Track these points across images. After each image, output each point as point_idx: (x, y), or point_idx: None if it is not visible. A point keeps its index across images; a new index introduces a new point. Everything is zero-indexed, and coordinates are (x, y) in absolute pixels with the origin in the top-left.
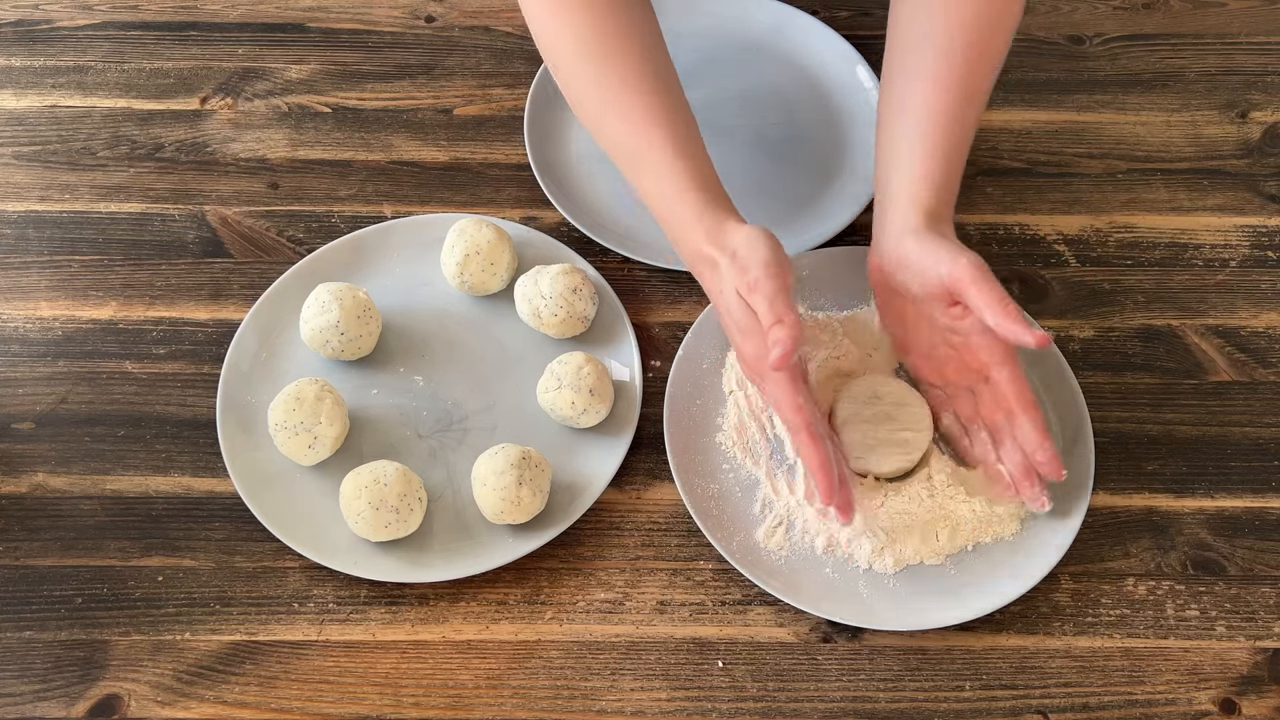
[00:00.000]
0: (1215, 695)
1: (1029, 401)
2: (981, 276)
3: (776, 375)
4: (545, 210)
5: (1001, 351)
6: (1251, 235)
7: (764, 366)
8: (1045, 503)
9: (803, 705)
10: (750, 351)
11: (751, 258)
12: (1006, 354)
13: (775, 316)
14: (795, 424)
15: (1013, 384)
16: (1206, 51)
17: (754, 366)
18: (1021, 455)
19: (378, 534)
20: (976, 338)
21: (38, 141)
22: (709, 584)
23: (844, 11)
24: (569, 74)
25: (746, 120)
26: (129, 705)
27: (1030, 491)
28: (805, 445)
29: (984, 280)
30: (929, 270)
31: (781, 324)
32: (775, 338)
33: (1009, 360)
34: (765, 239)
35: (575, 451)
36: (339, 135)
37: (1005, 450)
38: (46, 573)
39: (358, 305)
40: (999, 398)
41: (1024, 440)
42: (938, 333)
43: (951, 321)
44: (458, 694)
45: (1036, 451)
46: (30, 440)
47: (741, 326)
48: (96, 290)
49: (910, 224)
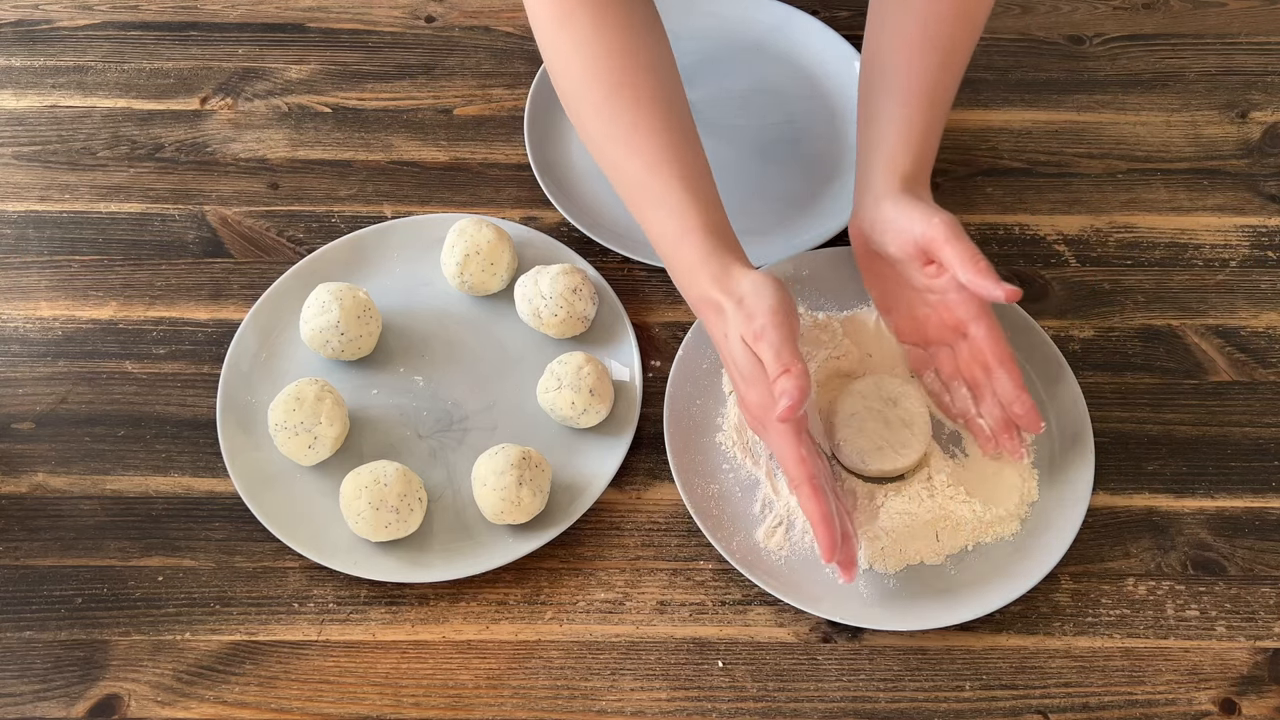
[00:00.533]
0: (1215, 695)
1: (1005, 355)
2: (954, 235)
3: (780, 426)
4: (545, 210)
5: (976, 307)
6: (1251, 235)
7: (768, 415)
8: (1023, 454)
9: (803, 705)
10: (754, 400)
11: (758, 305)
12: (981, 309)
13: (782, 366)
14: (798, 477)
15: (989, 339)
16: (1206, 51)
17: (757, 415)
18: (1000, 409)
19: (378, 534)
20: (953, 295)
21: (38, 141)
22: (709, 584)
23: (844, 11)
24: (577, 99)
25: (746, 120)
26: (129, 705)
27: (1009, 444)
28: (808, 499)
29: (956, 238)
30: (904, 231)
31: (789, 374)
32: (782, 388)
33: (984, 315)
34: (772, 285)
35: (575, 451)
36: (339, 135)
37: (984, 405)
38: (46, 573)
39: (358, 305)
40: (976, 353)
41: (1001, 393)
42: (916, 293)
43: (928, 280)
44: (458, 694)
45: (1014, 404)
46: (30, 440)
47: (745, 374)
48: (96, 290)
49: (888, 188)
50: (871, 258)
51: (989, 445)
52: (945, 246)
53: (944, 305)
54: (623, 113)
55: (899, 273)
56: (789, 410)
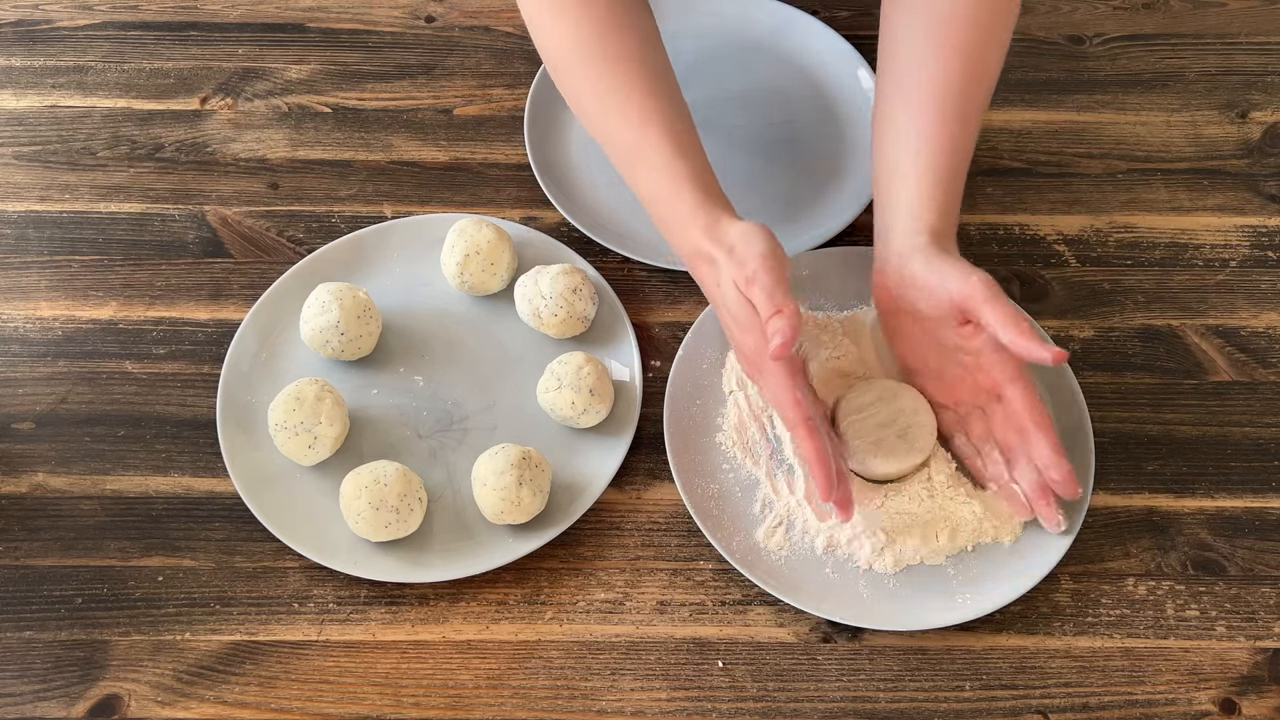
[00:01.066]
0: (1215, 695)
1: (1043, 419)
2: (994, 295)
3: (775, 368)
4: (545, 210)
5: (1013, 369)
6: (1251, 235)
7: (763, 360)
8: (1061, 522)
9: (803, 705)
10: (749, 345)
11: (748, 251)
12: (1018, 371)
13: (774, 307)
14: (793, 418)
15: (1025, 401)
16: (1206, 51)
17: (753, 361)
18: (1036, 474)
19: (378, 534)
20: (988, 356)
21: (38, 141)
22: (709, 584)
23: (844, 11)
24: (568, 73)
25: (746, 120)
26: (129, 705)
27: (1045, 510)
28: (803, 440)
29: (996, 298)
30: (938, 289)
31: (780, 314)
32: (775, 327)
33: (1020, 377)
34: (761, 233)
35: (575, 451)
36: (339, 135)
37: (1019, 469)
38: (46, 573)
39: (358, 305)
40: (1011, 416)
41: (1038, 458)
42: (947, 353)
43: (962, 341)
44: (458, 694)
45: (1051, 469)
46: (30, 440)
47: (740, 321)
48: (96, 290)
49: (916, 244)
50: (899, 316)
51: (1024, 511)
52: (985, 306)
53: (978, 367)
54: (616, 85)
55: (928, 331)
56: (782, 348)
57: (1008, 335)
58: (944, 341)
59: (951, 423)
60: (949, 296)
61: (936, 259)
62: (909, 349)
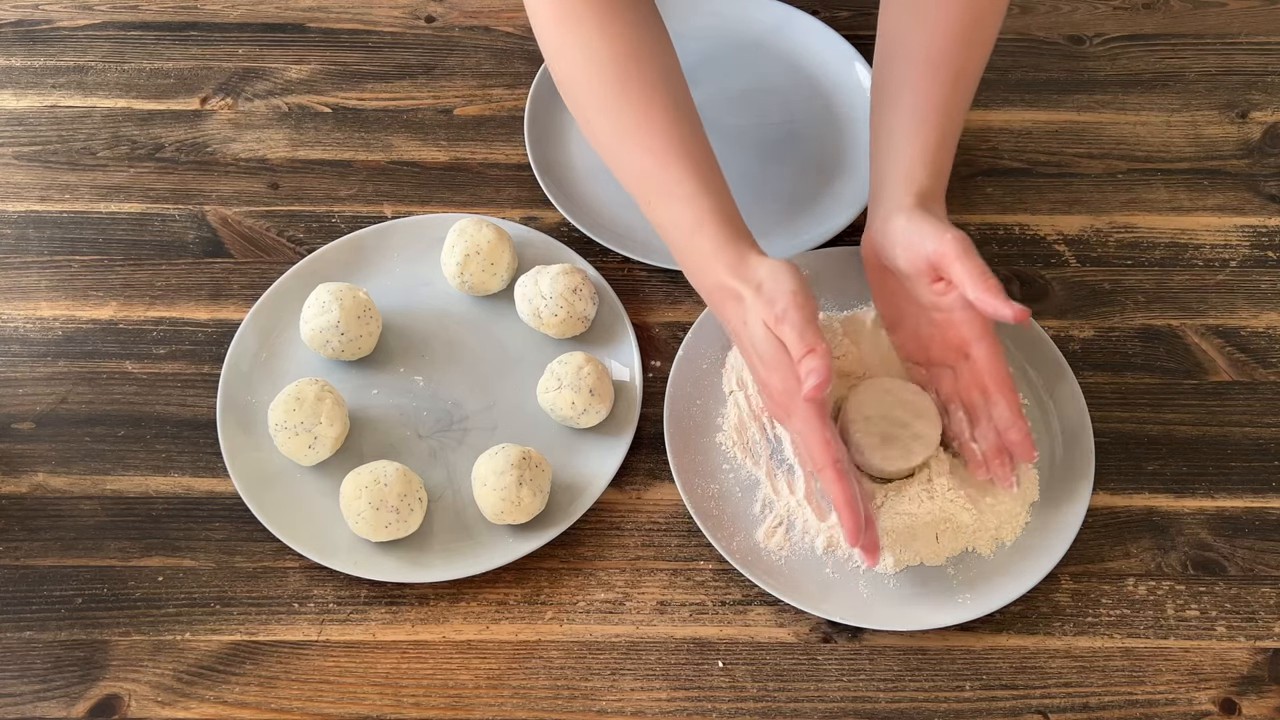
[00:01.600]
0: (1215, 695)
1: (1004, 380)
2: (965, 251)
3: (805, 410)
4: (545, 210)
5: (980, 327)
6: (1251, 235)
7: (791, 401)
8: (1013, 482)
9: (803, 705)
10: (777, 385)
11: (777, 290)
12: (984, 330)
13: (806, 346)
14: (823, 461)
15: (990, 361)
16: (1206, 51)
17: (780, 401)
18: (995, 434)
19: (378, 534)
20: (959, 313)
21: (38, 141)
22: (709, 584)
23: (844, 11)
24: (583, 97)
25: (746, 120)
26: (129, 705)
27: (1000, 471)
28: (832, 483)
29: (967, 256)
30: (915, 246)
31: (814, 353)
32: (809, 367)
33: (987, 336)
34: (790, 270)
35: (575, 451)
36: (339, 135)
37: (980, 429)
38: (46, 573)
39: (358, 305)
40: (976, 375)
41: (997, 418)
42: (922, 310)
43: (935, 298)
44: (458, 694)
45: (1009, 430)
46: (30, 440)
47: (767, 360)
48: (96, 290)
49: (902, 203)
50: (882, 273)
51: (980, 470)
52: (955, 263)
53: (949, 324)
54: (630, 109)
55: (907, 289)
56: (816, 389)
57: (974, 291)
58: (920, 299)
59: (922, 380)
60: (925, 254)
61: (918, 217)
62: (889, 305)
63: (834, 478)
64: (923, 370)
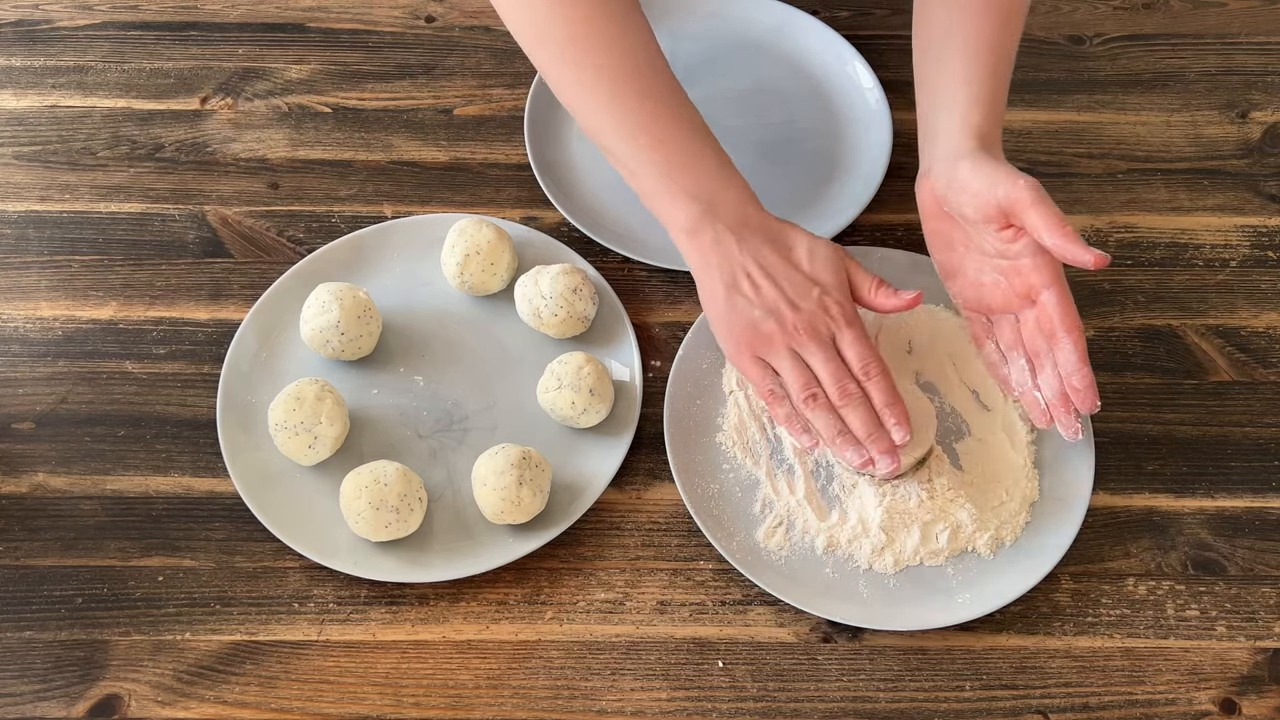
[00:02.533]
0: (1215, 695)
1: (1074, 324)
2: (1040, 199)
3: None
4: (545, 210)
5: (1050, 273)
6: (1251, 235)
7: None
8: (1079, 431)
9: (803, 705)
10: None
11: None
12: (1055, 276)
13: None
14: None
15: (1060, 305)
16: (1206, 51)
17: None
18: (1059, 382)
19: (378, 534)
20: (1028, 260)
21: (38, 141)
22: (709, 584)
23: (844, 11)
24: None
25: (746, 120)
26: (129, 705)
27: (1064, 418)
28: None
29: (1043, 202)
30: (984, 193)
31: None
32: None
33: (1057, 281)
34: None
35: (575, 451)
36: (339, 135)
37: (1043, 377)
38: (46, 573)
39: (358, 305)
40: (1044, 320)
41: (1063, 363)
42: (985, 258)
43: (1002, 245)
44: (458, 694)
45: (1073, 375)
46: (30, 440)
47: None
48: (96, 290)
49: (964, 147)
50: (940, 219)
51: (1043, 419)
52: (1031, 210)
53: (1015, 271)
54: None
55: (968, 236)
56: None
57: (1052, 238)
58: (984, 247)
59: (982, 330)
60: (995, 200)
61: (984, 162)
62: (948, 255)
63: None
64: (983, 318)
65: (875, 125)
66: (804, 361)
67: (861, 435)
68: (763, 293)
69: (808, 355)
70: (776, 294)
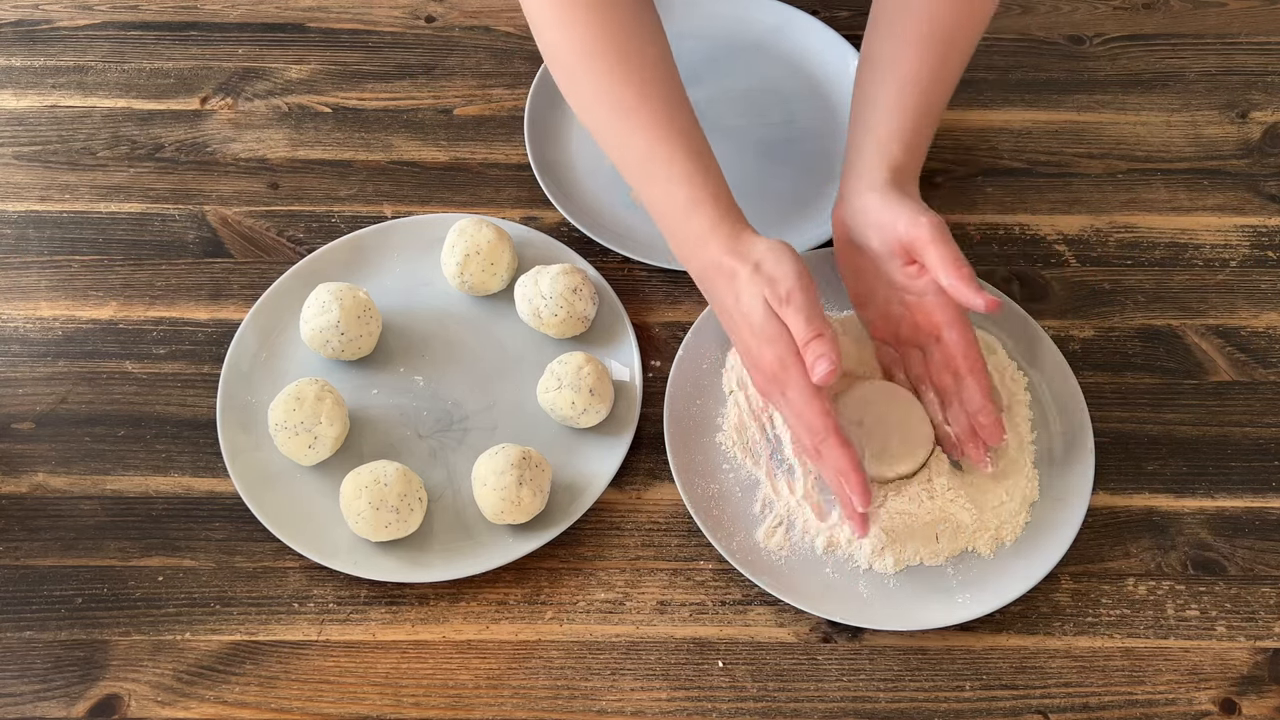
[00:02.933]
0: (1215, 695)
1: (976, 364)
2: (939, 237)
3: (802, 383)
4: (545, 210)
5: (953, 313)
6: (1251, 235)
7: (787, 375)
8: (987, 463)
9: (803, 705)
10: (771, 359)
11: (779, 270)
12: (957, 315)
13: (814, 330)
14: (825, 429)
15: (962, 345)
16: (1206, 51)
17: (774, 375)
18: (966, 417)
19: (378, 534)
20: (931, 298)
21: (38, 141)
22: (709, 584)
23: (844, 11)
24: (578, 76)
25: (746, 120)
26: (129, 705)
27: (974, 453)
28: (836, 449)
29: (941, 241)
30: (888, 227)
31: (822, 338)
32: (818, 351)
33: (959, 321)
34: (789, 251)
35: (575, 451)
36: (339, 135)
37: (951, 412)
38: (46, 573)
39: (358, 305)
40: (948, 359)
41: (967, 402)
42: (893, 290)
43: (907, 280)
44: (458, 694)
45: (979, 414)
46: (30, 440)
47: (765, 335)
48: (96, 290)
49: (876, 180)
50: (851, 248)
51: (955, 451)
52: (930, 248)
53: (920, 306)
54: (629, 93)
55: (878, 267)
56: (828, 375)
57: (947, 279)
58: (891, 279)
59: (890, 360)
60: (897, 235)
61: (892, 196)
62: (858, 282)
63: (838, 444)
64: (891, 350)
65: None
66: None
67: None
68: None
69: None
70: (744, 351)
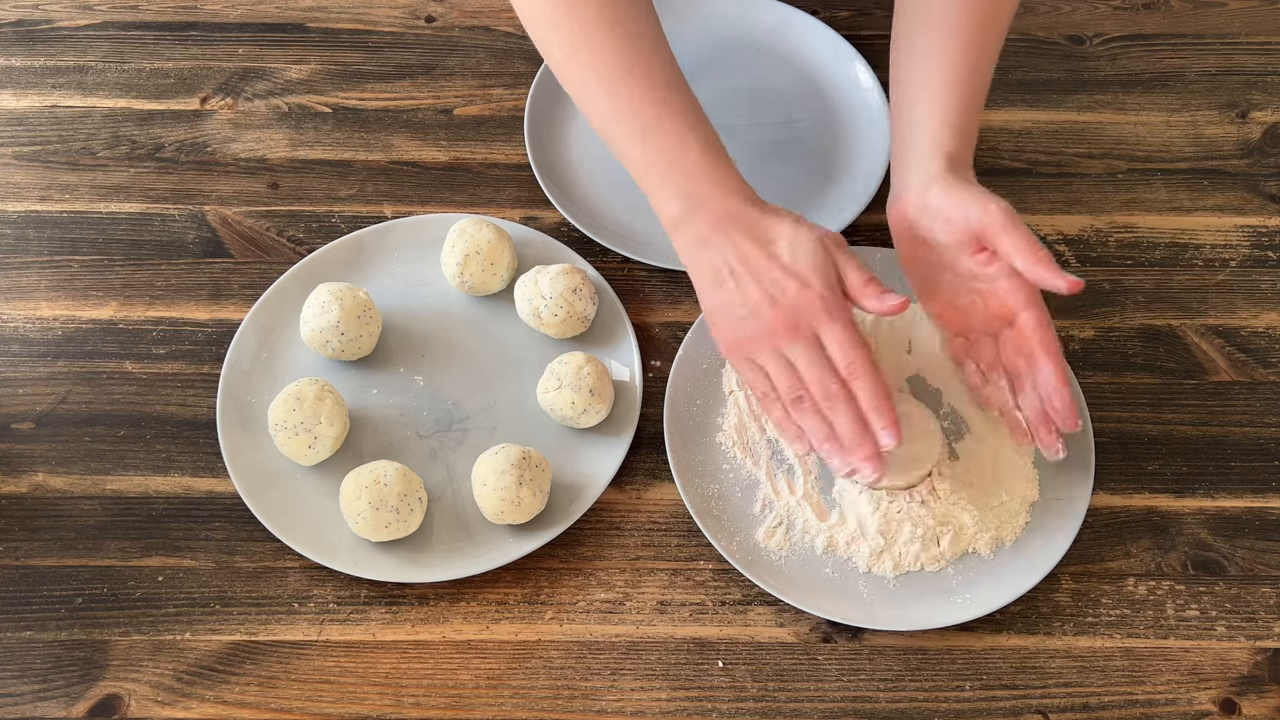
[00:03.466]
0: (1215, 695)
1: (1052, 346)
2: (1012, 222)
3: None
4: (545, 210)
5: (1027, 295)
6: (1251, 235)
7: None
8: (1060, 449)
9: (803, 705)
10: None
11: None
12: (1031, 297)
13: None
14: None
15: (1037, 327)
16: (1206, 51)
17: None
18: (1038, 402)
19: (378, 534)
20: (1003, 282)
21: (38, 141)
22: (709, 584)
23: (844, 11)
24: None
25: (746, 120)
26: (129, 705)
27: (1046, 438)
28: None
29: (1014, 226)
30: (956, 217)
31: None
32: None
33: (1033, 304)
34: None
35: (575, 451)
36: (339, 135)
37: (1023, 397)
38: (46, 573)
39: (358, 305)
40: (1021, 341)
41: (1042, 384)
42: (960, 280)
43: (978, 268)
44: (458, 694)
45: (1053, 397)
46: (30, 440)
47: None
48: (96, 290)
49: (935, 170)
50: (914, 243)
51: (1024, 439)
52: (1003, 234)
53: (991, 293)
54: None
55: (943, 259)
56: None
57: (1024, 262)
58: (959, 269)
59: (961, 350)
60: (967, 224)
61: (955, 186)
62: (924, 277)
63: (871, 372)
64: (962, 339)
65: (875, 125)
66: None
67: (846, 439)
68: (744, 289)
69: (792, 355)
70: (757, 291)
